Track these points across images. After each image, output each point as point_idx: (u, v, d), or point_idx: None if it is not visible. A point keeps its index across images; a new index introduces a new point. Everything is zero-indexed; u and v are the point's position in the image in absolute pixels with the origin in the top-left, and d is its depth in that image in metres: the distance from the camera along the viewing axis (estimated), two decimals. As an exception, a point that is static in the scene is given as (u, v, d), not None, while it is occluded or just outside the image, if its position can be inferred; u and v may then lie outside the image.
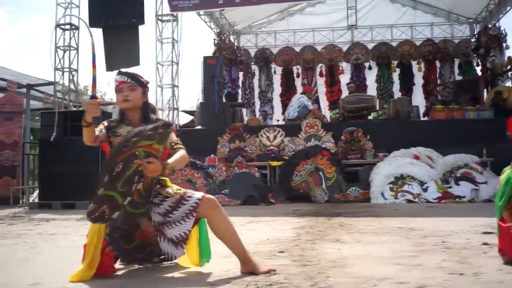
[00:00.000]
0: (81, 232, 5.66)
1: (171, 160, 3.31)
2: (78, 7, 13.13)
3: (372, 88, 17.21)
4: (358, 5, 17.93)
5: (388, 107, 12.92)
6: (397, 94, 16.66)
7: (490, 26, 16.51)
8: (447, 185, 10.09)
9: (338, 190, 10.43)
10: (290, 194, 10.72)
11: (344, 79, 16.79)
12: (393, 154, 10.80)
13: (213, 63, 13.09)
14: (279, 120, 15.46)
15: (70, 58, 12.98)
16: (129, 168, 3.11)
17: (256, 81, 18.26)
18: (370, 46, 17.70)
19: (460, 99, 13.99)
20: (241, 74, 17.85)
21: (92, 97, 3.27)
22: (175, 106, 14.05)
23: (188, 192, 3.40)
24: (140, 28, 12.97)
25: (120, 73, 3.67)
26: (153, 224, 3.37)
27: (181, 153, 3.42)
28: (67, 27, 13.00)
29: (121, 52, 12.95)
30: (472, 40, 17.59)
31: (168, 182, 3.53)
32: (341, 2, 18.01)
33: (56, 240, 5.63)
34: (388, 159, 10.70)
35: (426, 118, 13.16)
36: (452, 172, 10.28)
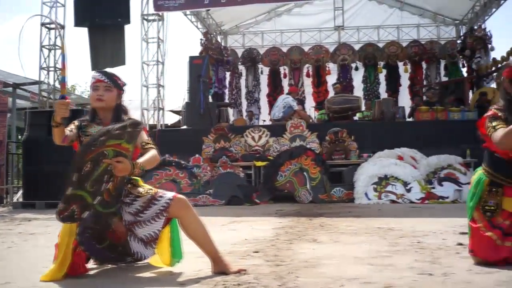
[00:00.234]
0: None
1: (141, 159, 3.31)
2: (63, 6, 13.08)
3: (358, 89, 17.27)
4: (345, 6, 18.01)
5: (373, 108, 12.96)
6: (383, 95, 16.71)
7: (475, 27, 16.61)
8: (430, 185, 10.12)
9: (323, 191, 10.43)
10: (274, 194, 10.71)
11: (331, 80, 16.79)
12: (377, 155, 10.82)
13: (199, 63, 13.08)
14: (265, 120, 15.48)
15: (55, 57, 12.93)
16: (98, 168, 3.11)
17: (243, 81, 18.26)
18: (357, 47, 17.75)
19: (445, 100, 14.05)
20: (228, 74, 17.84)
21: (62, 97, 3.25)
22: (160, 106, 14.01)
23: (160, 192, 3.40)
24: (126, 27, 12.98)
25: (99, 71, 3.66)
26: (124, 224, 3.36)
27: (152, 152, 3.42)
28: (52, 26, 12.93)
29: (106, 51, 12.93)
30: (458, 41, 17.68)
31: (140, 182, 3.53)
32: (328, 3, 18.03)
33: (36, 239, 5.60)
34: (372, 160, 10.73)
35: (411, 119, 13.22)
36: (435, 173, 10.32)
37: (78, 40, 46.20)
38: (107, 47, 12.87)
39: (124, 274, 3.43)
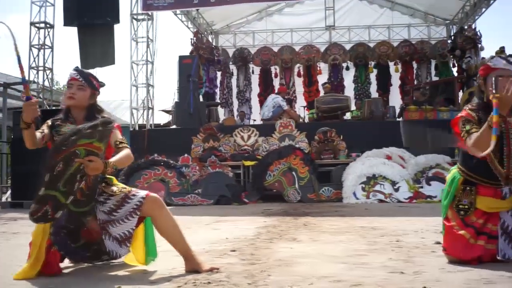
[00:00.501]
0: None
1: (113, 159, 3.32)
2: (53, 5, 13.07)
3: (349, 89, 17.23)
4: (336, 5, 17.97)
5: (363, 108, 12.97)
6: (374, 95, 16.68)
7: (466, 27, 16.62)
8: (418, 185, 10.16)
9: (311, 190, 10.45)
10: (263, 194, 10.75)
11: (322, 80, 16.73)
12: (365, 154, 10.84)
13: (188, 63, 13.04)
14: (255, 120, 15.47)
15: (45, 57, 12.92)
16: (70, 167, 3.10)
17: (234, 81, 18.21)
18: (348, 47, 17.71)
19: (436, 100, 14.06)
20: (219, 73, 17.80)
21: (27, 98, 3.22)
22: (150, 105, 13.99)
23: (133, 190, 3.41)
24: (115, 27, 12.98)
25: (76, 69, 3.66)
26: (98, 223, 3.37)
27: (125, 152, 3.42)
28: (42, 25, 12.92)
29: (96, 51, 12.94)
30: (449, 41, 17.70)
31: (114, 181, 3.54)
32: (319, 2, 17.98)
33: (18, 238, 5.59)
34: (360, 159, 10.75)
35: (401, 119, 13.22)
36: (424, 172, 10.35)
37: (68, 40, 45.99)
38: (96, 46, 12.88)
39: (98, 273, 3.44)
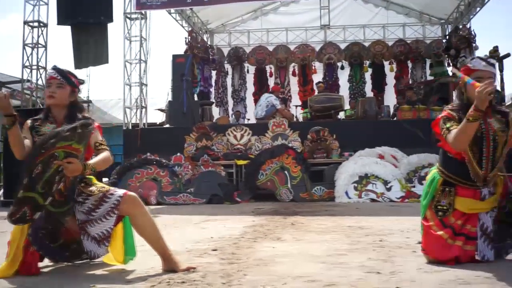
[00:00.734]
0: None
1: (92, 160, 3.34)
2: (47, 4, 13.06)
3: (344, 88, 17.23)
4: (331, 5, 17.94)
5: (357, 107, 12.96)
6: (369, 94, 16.66)
7: (460, 27, 16.63)
8: (411, 184, 10.15)
9: (303, 189, 10.45)
10: (255, 193, 10.74)
11: (317, 79, 16.73)
12: (358, 154, 10.84)
13: (182, 62, 13.02)
14: (249, 119, 15.46)
15: (38, 56, 12.92)
16: (49, 169, 3.12)
17: (229, 80, 18.19)
18: (343, 46, 17.70)
19: (430, 99, 14.06)
20: (214, 72, 17.79)
21: None
22: (143, 104, 13.98)
23: (111, 190, 3.42)
24: (109, 26, 12.97)
25: (54, 68, 3.66)
26: (77, 223, 3.37)
27: (104, 154, 3.44)
28: (35, 24, 12.92)
29: (89, 49, 12.93)
30: (444, 40, 17.71)
31: (93, 180, 3.54)
32: (314, 1, 17.96)
33: (5, 238, 5.58)
34: (353, 159, 10.74)
35: (395, 118, 13.22)
36: (416, 172, 10.35)
37: (62, 39, 45.95)
38: (90, 45, 12.87)
39: (75, 272, 3.45)
